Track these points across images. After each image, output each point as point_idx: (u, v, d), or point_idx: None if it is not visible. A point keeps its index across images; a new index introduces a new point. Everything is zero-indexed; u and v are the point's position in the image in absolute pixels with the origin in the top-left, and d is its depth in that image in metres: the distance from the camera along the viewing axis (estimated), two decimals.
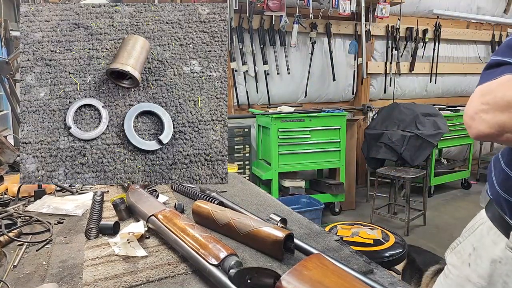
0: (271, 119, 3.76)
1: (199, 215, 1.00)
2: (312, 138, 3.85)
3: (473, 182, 5.40)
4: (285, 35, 4.42)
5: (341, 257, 0.85)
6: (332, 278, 0.59)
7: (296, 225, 1.05)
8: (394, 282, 0.76)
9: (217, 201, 1.13)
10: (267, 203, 1.25)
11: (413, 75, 5.53)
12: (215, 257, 0.72)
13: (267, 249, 0.85)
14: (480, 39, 5.92)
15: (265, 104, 4.57)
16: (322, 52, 4.83)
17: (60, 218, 1.13)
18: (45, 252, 0.91)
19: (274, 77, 4.58)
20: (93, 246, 0.93)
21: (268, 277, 0.64)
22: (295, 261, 0.81)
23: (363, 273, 0.76)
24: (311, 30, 4.53)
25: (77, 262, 0.85)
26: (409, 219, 3.78)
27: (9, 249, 0.93)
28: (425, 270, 2.34)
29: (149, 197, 1.09)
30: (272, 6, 4.08)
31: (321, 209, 3.58)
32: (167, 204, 1.22)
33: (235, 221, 0.91)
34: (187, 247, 0.79)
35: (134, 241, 0.89)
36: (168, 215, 0.92)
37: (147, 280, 0.76)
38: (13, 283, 0.77)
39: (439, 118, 4.43)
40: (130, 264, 0.83)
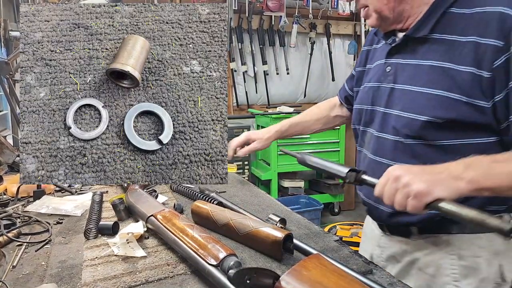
0: (271, 119, 3.76)
1: (198, 215, 1.00)
2: (311, 138, 3.85)
3: None
4: (284, 35, 4.42)
5: (340, 258, 0.85)
6: (331, 279, 0.59)
7: (295, 225, 1.05)
8: (393, 283, 0.76)
9: (216, 201, 1.13)
10: (266, 203, 1.25)
11: None
12: (214, 258, 0.72)
13: (266, 250, 0.85)
14: None
15: (265, 105, 4.57)
16: (322, 52, 4.83)
17: (59, 218, 1.13)
18: (44, 253, 0.91)
19: (273, 77, 4.58)
20: (92, 246, 0.93)
21: (267, 278, 0.64)
22: (294, 262, 0.81)
23: (362, 273, 0.76)
24: (310, 30, 4.53)
25: (76, 263, 0.85)
26: None
27: (8, 249, 0.93)
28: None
29: (148, 198, 1.09)
30: (271, 6, 4.08)
31: (320, 209, 3.58)
32: (166, 204, 1.22)
33: (234, 222, 0.91)
34: (186, 247, 0.79)
35: (133, 241, 0.89)
36: (167, 216, 0.92)
37: (146, 280, 0.76)
38: (12, 284, 0.77)
39: None
40: (129, 264, 0.83)
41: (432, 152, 0.88)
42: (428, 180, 0.72)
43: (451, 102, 0.84)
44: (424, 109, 0.87)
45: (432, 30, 0.89)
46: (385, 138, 0.96)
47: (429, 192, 0.70)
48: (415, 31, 0.91)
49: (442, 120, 0.85)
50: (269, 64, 4.50)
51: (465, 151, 0.82)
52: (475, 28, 0.82)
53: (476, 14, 0.83)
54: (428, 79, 0.88)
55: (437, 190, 0.71)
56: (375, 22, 0.95)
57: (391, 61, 0.98)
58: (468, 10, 0.85)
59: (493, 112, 0.82)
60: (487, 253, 0.90)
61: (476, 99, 0.82)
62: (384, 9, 0.91)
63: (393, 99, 0.95)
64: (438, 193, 0.70)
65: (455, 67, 0.84)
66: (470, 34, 0.83)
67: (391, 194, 0.75)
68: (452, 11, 0.87)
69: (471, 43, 0.82)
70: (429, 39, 0.90)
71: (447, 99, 0.84)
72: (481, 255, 0.90)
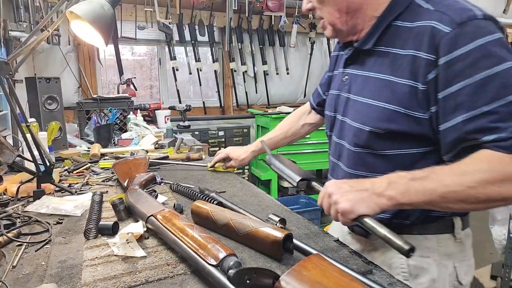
0: (270, 119, 3.76)
1: (198, 215, 1.00)
2: (311, 138, 3.84)
3: None
4: (284, 35, 4.43)
5: (340, 258, 0.85)
6: (331, 279, 0.59)
7: (295, 225, 1.05)
8: (393, 283, 0.76)
9: (216, 201, 1.13)
10: (266, 203, 1.25)
11: None
12: (214, 258, 0.72)
13: (266, 250, 0.85)
14: None
15: (264, 105, 4.57)
16: (321, 52, 4.83)
17: (59, 218, 1.13)
18: (44, 253, 0.91)
19: (273, 77, 4.58)
20: (92, 246, 0.93)
21: (267, 278, 0.64)
22: (294, 262, 0.81)
23: (362, 273, 0.76)
24: (310, 30, 4.53)
25: (76, 263, 0.85)
26: None
27: (8, 249, 0.93)
28: None
29: (148, 198, 1.09)
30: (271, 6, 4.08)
31: (320, 210, 3.57)
32: (166, 204, 1.22)
33: (234, 222, 0.91)
34: (186, 247, 0.79)
35: (133, 241, 0.89)
36: (167, 216, 0.92)
37: (146, 280, 0.76)
38: (12, 284, 0.77)
39: None
40: (129, 264, 0.83)
41: (379, 161, 0.93)
42: (352, 199, 0.79)
43: (391, 113, 0.87)
44: (368, 120, 0.92)
45: (377, 42, 0.92)
46: (342, 145, 1.03)
47: (352, 210, 0.78)
48: (362, 43, 0.94)
49: (384, 130, 0.89)
50: (269, 64, 4.51)
51: (406, 160, 0.89)
52: (413, 42, 0.85)
53: (416, 27, 0.85)
54: (374, 91, 0.92)
55: (360, 208, 0.78)
56: (331, 34, 1.00)
57: (347, 71, 1.03)
58: (410, 23, 0.87)
59: (430, 123, 0.84)
60: (436, 254, 0.95)
61: (413, 111, 0.85)
62: (337, 23, 0.95)
63: (348, 109, 1.01)
64: (361, 210, 0.78)
65: (395, 80, 0.87)
66: (409, 47, 0.85)
67: (327, 208, 0.84)
68: (397, 24, 0.89)
69: (409, 56, 0.85)
70: (376, 51, 0.93)
71: (388, 110, 0.88)
72: (430, 255, 0.94)
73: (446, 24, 0.79)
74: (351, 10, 0.92)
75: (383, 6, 0.90)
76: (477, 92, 0.77)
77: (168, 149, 2.20)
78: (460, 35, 0.78)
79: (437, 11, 0.83)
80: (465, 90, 0.77)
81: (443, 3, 0.84)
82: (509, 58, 0.77)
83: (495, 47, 0.76)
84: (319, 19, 1.00)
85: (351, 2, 0.91)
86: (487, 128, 0.75)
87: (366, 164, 0.96)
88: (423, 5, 0.87)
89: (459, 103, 0.78)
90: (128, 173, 1.41)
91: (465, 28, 0.78)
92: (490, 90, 0.75)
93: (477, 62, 0.76)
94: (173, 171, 1.71)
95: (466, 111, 0.77)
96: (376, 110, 0.90)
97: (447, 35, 0.78)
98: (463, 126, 0.78)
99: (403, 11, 0.89)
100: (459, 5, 0.82)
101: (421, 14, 0.86)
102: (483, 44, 0.76)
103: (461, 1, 0.84)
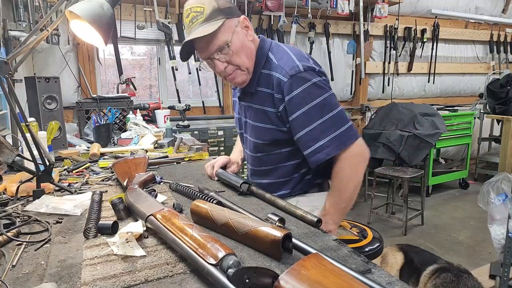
0: None
1: (198, 214, 1.00)
2: None
3: (471, 182, 5.40)
4: (283, 35, 4.42)
5: (339, 257, 0.85)
6: (330, 278, 0.59)
7: (294, 224, 1.05)
8: (392, 282, 0.76)
9: (216, 200, 1.14)
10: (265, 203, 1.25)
11: (411, 75, 5.53)
12: (214, 257, 0.72)
13: (265, 249, 0.85)
14: (478, 39, 5.93)
15: None
16: (321, 52, 4.83)
17: (58, 217, 1.13)
18: (43, 252, 0.91)
19: None
20: (91, 245, 0.93)
21: (266, 277, 0.64)
22: (293, 261, 0.81)
23: (361, 272, 0.76)
24: (309, 30, 4.53)
25: (76, 262, 0.85)
26: (407, 218, 3.79)
27: (7, 248, 0.93)
28: (423, 269, 2.34)
29: (148, 197, 1.09)
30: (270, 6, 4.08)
31: None
32: (166, 203, 1.22)
33: (233, 221, 0.91)
34: (186, 246, 0.79)
35: (133, 240, 0.89)
36: (167, 215, 0.92)
37: (145, 279, 0.77)
38: (11, 283, 0.77)
39: (437, 118, 4.44)
40: (129, 263, 0.83)
41: (271, 159, 1.43)
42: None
43: (269, 130, 1.37)
44: (259, 136, 1.41)
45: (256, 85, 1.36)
46: (246, 152, 1.55)
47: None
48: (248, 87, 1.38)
49: (269, 141, 1.39)
50: None
51: (284, 156, 1.40)
52: (270, 84, 1.32)
53: (271, 75, 1.31)
54: (257, 117, 1.39)
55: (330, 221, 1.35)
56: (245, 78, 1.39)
57: (242, 103, 1.48)
58: (267, 71, 1.33)
59: (290, 132, 1.33)
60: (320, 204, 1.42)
61: (279, 127, 1.34)
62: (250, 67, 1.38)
63: (247, 129, 1.48)
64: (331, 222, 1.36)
65: (267, 108, 1.35)
66: (269, 87, 1.32)
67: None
68: (263, 72, 1.34)
69: (271, 93, 1.32)
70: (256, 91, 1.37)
71: (267, 129, 1.37)
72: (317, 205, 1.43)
73: (285, 76, 1.26)
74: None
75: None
76: (306, 117, 1.25)
77: (168, 148, 2.20)
78: (293, 83, 1.24)
79: (279, 66, 1.29)
80: (300, 116, 1.26)
81: (283, 60, 1.29)
82: (321, 93, 1.25)
83: (313, 89, 1.25)
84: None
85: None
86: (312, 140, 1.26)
87: (263, 162, 1.45)
88: (273, 59, 1.33)
89: (299, 124, 1.27)
90: (128, 172, 1.41)
91: (294, 78, 1.24)
92: (313, 115, 1.25)
93: (304, 98, 1.24)
94: (173, 171, 1.71)
95: (302, 128, 1.27)
96: (261, 129, 1.39)
97: (286, 83, 1.25)
98: (303, 138, 1.28)
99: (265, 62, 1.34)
100: (291, 63, 1.26)
101: (272, 66, 1.32)
102: (306, 88, 1.24)
103: (294, 57, 1.28)
